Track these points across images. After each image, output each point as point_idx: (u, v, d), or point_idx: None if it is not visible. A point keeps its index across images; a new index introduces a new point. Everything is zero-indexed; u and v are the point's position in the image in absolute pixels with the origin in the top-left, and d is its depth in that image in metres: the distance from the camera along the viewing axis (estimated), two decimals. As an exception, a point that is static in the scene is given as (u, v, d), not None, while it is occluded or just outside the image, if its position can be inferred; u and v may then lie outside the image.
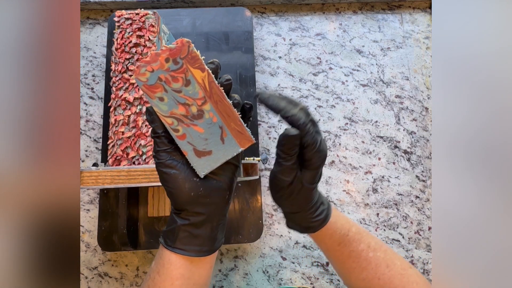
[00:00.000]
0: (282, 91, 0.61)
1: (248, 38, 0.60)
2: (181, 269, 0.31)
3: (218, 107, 0.30)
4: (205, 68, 0.29)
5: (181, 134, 0.30)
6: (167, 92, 0.29)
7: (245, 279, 0.54)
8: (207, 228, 0.31)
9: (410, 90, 0.62)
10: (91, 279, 0.53)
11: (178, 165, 0.30)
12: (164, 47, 0.28)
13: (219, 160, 0.30)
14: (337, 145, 0.59)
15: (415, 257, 0.55)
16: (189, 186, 0.30)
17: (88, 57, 0.62)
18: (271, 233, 0.55)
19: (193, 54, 0.29)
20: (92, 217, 0.55)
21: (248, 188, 0.54)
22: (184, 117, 0.29)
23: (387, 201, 0.57)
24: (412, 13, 0.67)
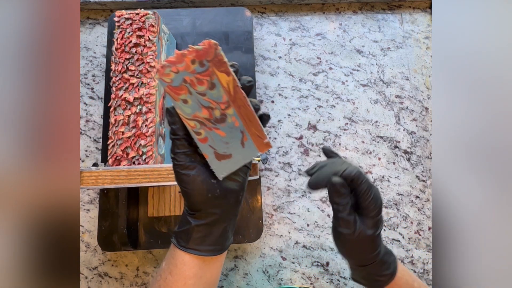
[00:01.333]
0: (282, 91, 0.61)
1: (248, 38, 0.60)
2: (195, 268, 0.32)
3: (241, 112, 0.29)
4: (230, 72, 0.29)
5: (203, 137, 0.30)
6: (191, 94, 0.29)
7: (245, 279, 0.54)
8: (220, 227, 0.32)
9: (410, 90, 0.62)
10: (91, 279, 0.53)
11: (197, 167, 0.30)
12: (191, 48, 0.28)
13: (238, 163, 0.31)
14: (337, 145, 0.59)
15: (415, 257, 0.55)
16: (207, 187, 0.30)
17: (88, 57, 0.62)
18: (271, 233, 0.55)
19: (220, 57, 0.28)
20: (92, 217, 0.55)
21: (248, 188, 0.54)
22: (207, 121, 0.29)
23: (387, 201, 0.57)
24: (412, 13, 0.67)
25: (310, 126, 0.60)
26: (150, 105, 0.46)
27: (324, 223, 0.56)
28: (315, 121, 0.60)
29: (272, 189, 0.57)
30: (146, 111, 0.46)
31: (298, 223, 0.56)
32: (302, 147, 0.59)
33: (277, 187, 0.57)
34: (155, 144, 0.45)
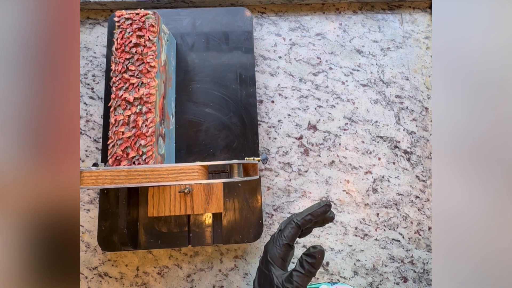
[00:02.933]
0: (282, 91, 0.61)
1: (248, 38, 0.60)
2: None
3: None
4: None
5: None
6: None
7: (245, 279, 0.53)
8: None
9: (410, 90, 0.62)
10: (91, 279, 0.53)
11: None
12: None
13: None
14: (337, 145, 0.59)
15: (415, 257, 0.55)
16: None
17: (88, 57, 0.62)
18: (271, 233, 0.55)
19: None
20: (92, 217, 0.55)
21: (248, 188, 0.54)
22: None
23: (387, 201, 0.57)
24: (412, 13, 0.67)
25: (310, 126, 0.60)
26: (150, 105, 0.46)
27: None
28: (315, 121, 0.60)
29: (272, 189, 0.57)
30: (146, 111, 0.46)
31: (298, 223, 0.56)
32: (302, 147, 0.59)
33: (277, 187, 0.57)
34: (155, 144, 0.45)
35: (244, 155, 0.55)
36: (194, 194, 0.51)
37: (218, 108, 0.57)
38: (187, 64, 0.59)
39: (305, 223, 0.37)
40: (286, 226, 0.37)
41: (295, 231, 0.36)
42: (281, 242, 0.36)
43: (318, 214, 0.37)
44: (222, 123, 0.56)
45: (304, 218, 0.37)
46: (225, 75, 0.59)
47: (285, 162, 0.58)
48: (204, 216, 0.53)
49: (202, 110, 0.57)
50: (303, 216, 0.37)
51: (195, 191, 0.51)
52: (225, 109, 0.57)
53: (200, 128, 0.56)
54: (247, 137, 0.56)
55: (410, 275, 0.55)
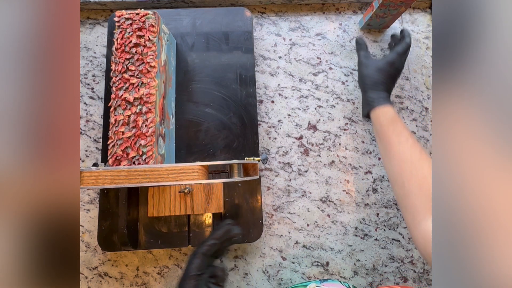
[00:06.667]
0: (282, 91, 0.61)
1: (248, 38, 0.60)
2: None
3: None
4: None
5: None
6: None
7: (245, 279, 0.54)
8: None
9: (410, 90, 0.62)
10: (91, 279, 0.53)
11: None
12: None
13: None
14: (337, 145, 0.59)
15: (415, 257, 0.55)
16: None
17: (88, 57, 0.62)
18: (271, 233, 0.55)
19: None
20: (92, 217, 0.55)
21: (248, 188, 0.54)
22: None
23: (387, 201, 0.57)
24: (412, 13, 0.67)
25: (310, 126, 0.60)
26: (150, 105, 0.46)
27: (324, 223, 0.56)
28: (315, 121, 0.60)
29: (272, 189, 0.57)
30: (146, 111, 0.46)
31: (298, 223, 0.56)
32: (302, 147, 0.59)
33: (277, 187, 0.57)
34: (155, 144, 0.45)
35: (244, 155, 0.55)
36: (194, 194, 0.51)
37: (218, 108, 0.57)
38: (187, 64, 0.59)
39: (210, 249, 0.38)
40: (191, 259, 0.38)
41: (201, 260, 0.38)
42: (190, 275, 0.37)
43: (220, 236, 0.39)
44: (222, 123, 0.56)
45: (208, 245, 0.39)
46: (225, 75, 0.59)
47: (285, 162, 0.58)
48: (204, 216, 0.53)
49: (202, 110, 0.57)
50: (207, 243, 0.39)
51: (195, 191, 0.51)
52: (225, 109, 0.57)
53: (200, 128, 0.56)
54: (247, 137, 0.56)
55: (410, 275, 0.55)
